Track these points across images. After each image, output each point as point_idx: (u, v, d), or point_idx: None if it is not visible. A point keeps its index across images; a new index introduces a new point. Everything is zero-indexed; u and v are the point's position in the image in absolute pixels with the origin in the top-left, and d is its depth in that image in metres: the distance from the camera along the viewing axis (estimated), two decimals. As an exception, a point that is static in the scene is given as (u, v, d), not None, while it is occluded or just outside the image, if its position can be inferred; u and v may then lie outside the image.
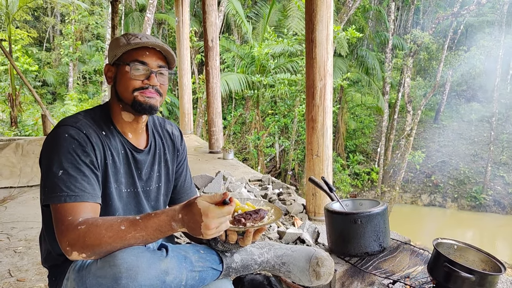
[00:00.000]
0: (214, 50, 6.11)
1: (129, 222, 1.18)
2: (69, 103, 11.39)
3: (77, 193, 1.25)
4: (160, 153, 1.60)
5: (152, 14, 11.09)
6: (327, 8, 3.17)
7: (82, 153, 1.30)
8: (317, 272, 1.53)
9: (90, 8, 16.85)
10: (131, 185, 1.48)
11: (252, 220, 1.39)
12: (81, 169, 1.28)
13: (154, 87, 1.42)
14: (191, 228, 1.18)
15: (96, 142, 1.35)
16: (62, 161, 1.27)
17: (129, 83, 1.39)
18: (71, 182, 1.25)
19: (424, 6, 26.51)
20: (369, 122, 20.58)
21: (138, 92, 1.40)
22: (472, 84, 24.41)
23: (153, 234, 1.18)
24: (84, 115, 1.41)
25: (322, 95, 3.28)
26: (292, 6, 13.19)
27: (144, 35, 1.43)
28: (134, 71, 1.39)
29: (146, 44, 1.39)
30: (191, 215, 1.17)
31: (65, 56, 16.54)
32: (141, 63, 1.39)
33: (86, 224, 1.18)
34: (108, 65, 1.45)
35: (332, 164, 3.48)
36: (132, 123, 1.48)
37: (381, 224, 1.72)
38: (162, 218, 1.18)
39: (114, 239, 1.16)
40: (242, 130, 15.80)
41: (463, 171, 18.81)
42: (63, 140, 1.29)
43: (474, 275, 1.42)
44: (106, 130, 1.42)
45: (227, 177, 4.24)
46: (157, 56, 1.43)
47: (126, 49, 1.38)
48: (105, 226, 1.17)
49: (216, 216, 1.17)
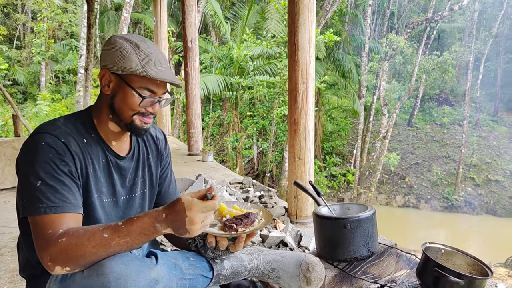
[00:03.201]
0: (193, 51, 6.05)
1: (112, 229, 1.13)
2: (41, 103, 11.05)
3: (58, 203, 1.19)
4: (144, 158, 1.54)
5: (128, 14, 10.91)
6: (310, 12, 3.18)
7: (61, 162, 1.23)
8: (307, 278, 1.51)
9: (63, 6, 16.44)
10: (112, 194, 1.42)
11: (243, 225, 1.37)
12: (60, 178, 1.22)
13: (154, 114, 1.39)
14: (176, 227, 1.14)
15: (75, 150, 1.28)
16: (40, 171, 1.20)
17: (132, 107, 1.33)
18: (51, 193, 1.19)
19: (399, 11, 27.12)
20: (345, 125, 20.86)
21: (138, 116, 1.35)
22: (444, 88, 25.12)
23: (138, 238, 1.14)
24: (64, 122, 1.33)
25: (304, 98, 3.28)
26: (270, 8, 13.22)
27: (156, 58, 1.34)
28: (145, 101, 1.33)
29: (163, 80, 1.32)
30: (175, 213, 1.14)
31: (37, 55, 16.08)
32: (150, 91, 1.34)
33: (67, 236, 1.12)
34: (107, 71, 1.34)
35: (313, 166, 3.49)
36: (117, 133, 1.42)
37: (370, 229, 1.73)
38: (145, 221, 1.14)
39: (98, 248, 1.12)
40: (220, 131, 15.73)
41: (435, 173, 19.29)
42: (40, 149, 1.22)
43: (463, 279, 1.44)
44: (88, 138, 1.35)
45: (207, 180, 4.19)
46: (164, 84, 1.37)
47: (139, 74, 1.29)
48: (87, 235, 1.12)
49: (200, 209, 1.14)
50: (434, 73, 18.89)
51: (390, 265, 1.84)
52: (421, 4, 27.05)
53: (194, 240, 1.46)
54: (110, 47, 1.33)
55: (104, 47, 1.36)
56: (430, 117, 23.42)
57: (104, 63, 1.34)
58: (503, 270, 9.47)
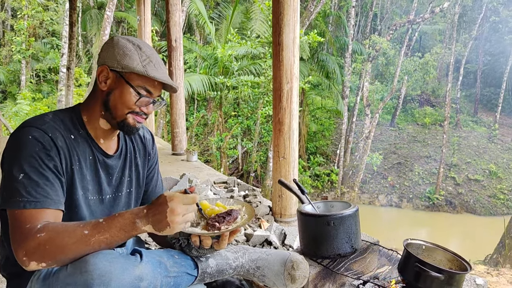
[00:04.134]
0: (177, 50, 6.02)
1: (92, 226, 1.14)
2: (21, 102, 10.87)
3: (38, 198, 1.18)
4: (131, 157, 1.54)
5: (111, 12, 10.79)
6: (294, 12, 3.20)
7: (46, 157, 1.22)
8: (292, 276, 1.53)
9: (45, 3, 16.15)
10: (97, 192, 1.41)
11: (226, 223, 1.38)
12: (44, 173, 1.21)
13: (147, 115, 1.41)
14: (157, 220, 1.15)
15: (61, 146, 1.27)
16: (24, 164, 1.19)
17: (128, 104, 1.35)
18: (32, 187, 1.18)
19: (382, 13, 27.44)
20: (329, 125, 21.01)
21: (131, 115, 1.37)
22: (426, 89, 25.55)
23: (117, 235, 1.14)
24: (53, 117, 1.32)
25: (289, 98, 3.31)
26: (255, 9, 13.24)
27: (156, 59, 1.38)
28: (142, 99, 1.36)
29: (163, 81, 1.36)
30: (157, 205, 1.16)
31: (17, 53, 15.74)
32: (148, 91, 1.37)
33: (46, 231, 1.12)
34: (106, 68, 1.35)
35: (297, 166, 3.52)
36: (107, 131, 1.42)
37: (353, 226, 1.75)
38: (126, 216, 1.15)
39: (78, 245, 1.12)
40: (204, 131, 15.68)
41: (417, 172, 19.58)
42: (27, 142, 1.21)
43: (443, 274, 1.48)
44: (75, 134, 1.35)
45: (192, 179, 4.19)
46: (160, 86, 1.40)
47: (139, 72, 1.32)
48: (68, 232, 1.12)
49: (181, 200, 1.16)
50: (416, 74, 19.18)
51: (372, 262, 1.88)
52: (403, 6, 27.45)
53: (178, 240, 1.46)
54: (112, 45, 1.35)
55: (105, 45, 1.38)
56: (412, 117, 23.78)
57: (104, 60, 1.35)
58: (483, 267, 9.65)
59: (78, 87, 13.53)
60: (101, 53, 1.37)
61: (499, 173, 19.43)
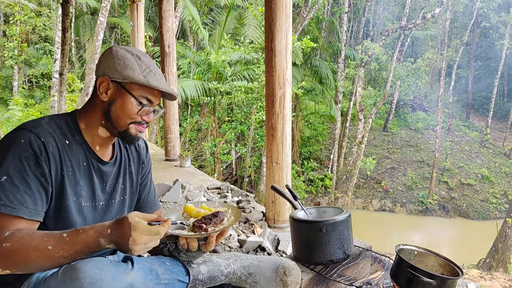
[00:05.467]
0: (171, 56, 6.02)
1: (56, 241, 1.14)
2: (14, 108, 10.78)
3: (15, 205, 1.17)
4: (125, 164, 1.55)
5: (105, 18, 10.78)
6: (286, 18, 3.22)
7: (34, 163, 1.21)
8: (284, 282, 1.53)
9: (37, 9, 16.10)
10: (91, 199, 1.40)
11: (212, 224, 1.38)
12: (28, 180, 1.20)
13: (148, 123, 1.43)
14: (119, 243, 1.16)
15: (53, 152, 1.26)
16: (10, 167, 1.18)
17: (129, 115, 1.37)
18: (12, 192, 1.17)
19: (374, 19, 27.67)
20: (322, 130, 21.06)
21: (133, 125, 1.38)
22: (418, 94, 25.73)
23: (81, 251, 1.15)
24: (49, 121, 1.32)
25: (281, 103, 3.32)
26: (248, 15, 13.30)
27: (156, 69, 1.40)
28: (144, 108, 1.37)
29: (163, 90, 1.39)
30: (120, 229, 1.15)
31: (9, 59, 15.66)
32: (149, 101, 1.39)
33: (11, 242, 1.12)
34: (106, 79, 1.36)
35: (291, 171, 3.52)
36: (105, 138, 1.43)
37: (345, 232, 1.76)
38: (90, 234, 1.15)
39: (42, 259, 1.13)
40: (198, 137, 15.65)
41: (410, 177, 19.66)
42: (18, 145, 1.21)
43: (434, 279, 1.48)
44: (71, 139, 1.34)
45: (185, 185, 4.17)
46: (160, 95, 1.43)
47: (140, 83, 1.35)
48: (32, 245, 1.12)
49: (145, 232, 1.16)
50: (408, 80, 19.30)
51: (365, 267, 1.88)
52: (396, 12, 27.69)
53: (165, 244, 1.47)
54: (112, 56, 1.36)
55: (104, 56, 1.39)
56: (404, 122, 23.92)
57: (104, 71, 1.36)
58: (476, 271, 9.68)
59: (71, 92, 13.47)
60: (100, 64, 1.38)
61: (491, 177, 19.57)
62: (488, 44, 24.98)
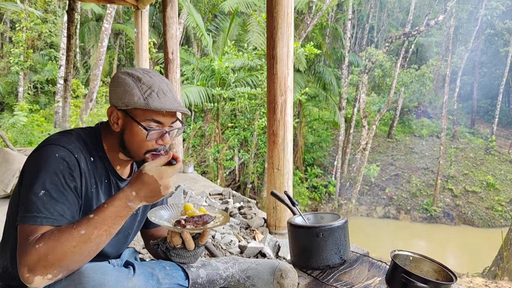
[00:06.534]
0: (174, 62, 6.07)
1: (87, 223, 1.14)
2: (19, 113, 10.87)
3: (55, 217, 1.18)
4: None
5: (109, 25, 10.90)
6: (288, 26, 3.25)
7: (69, 176, 1.23)
8: (281, 284, 1.56)
9: (43, 16, 16.28)
10: None
11: (193, 223, 1.43)
12: (65, 193, 1.22)
13: (165, 147, 1.37)
14: (150, 197, 1.20)
15: (84, 168, 1.29)
16: (47, 181, 1.19)
17: (142, 145, 1.33)
18: (51, 205, 1.18)
19: (378, 25, 27.74)
20: (326, 136, 21.05)
21: (150, 154, 1.35)
22: (423, 101, 25.71)
23: (114, 223, 1.17)
24: (77, 137, 1.33)
25: (283, 110, 3.34)
26: (252, 21, 13.38)
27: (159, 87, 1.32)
28: (150, 133, 1.31)
29: (168, 110, 1.30)
30: (146, 186, 1.19)
31: (15, 65, 15.82)
32: (156, 122, 1.32)
33: (43, 241, 1.11)
34: (114, 109, 1.34)
35: (292, 177, 3.54)
36: (125, 161, 1.45)
37: (341, 237, 1.77)
38: (116, 204, 1.17)
39: (80, 246, 1.12)
40: (201, 143, 15.70)
41: (415, 184, 19.57)
42: (53, 159, 1.22)
43: (428, 285, 1.50)
44: (95, 157, 1.36)
45: (187, 191, 4.20)
46: (172, 113, 1.35)
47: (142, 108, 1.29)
48: (65, 236, 1.11)
49: (170, 175, 1.21)
50: (413, 86, 19.29)
51: (362, 273, 1.89)
52: (400, 18, 27.75)
53: (158, 244, 1.52)
54: (114, 84, 1.34)
55: (110, 85, 1.37)
56: (409, 129, 23.87)
57: (111, 100, 1.35)
58: (481, 280, 9.61)
59: (75, 98, 13.57)
60: (109, 93, 1.37)
61: (496, 184, 19.45)
62: (493, 51, 24.93)
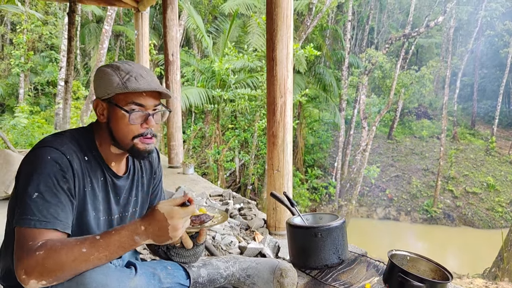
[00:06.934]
0: (174, 64, 6.09)
1: (90, 243, 1.15)
2: (19, 115, 10.89)
3: (49, 219, 1.20)
4: (138, 177, 1.58)
5: (110, 26, 10.94)
6: (287, 28, 3.28)
7: (62, 178, 1.25)
8: (281, 283, 1.58)
9: (44, 18, 16.32)
10: (107, 213, 1.45)
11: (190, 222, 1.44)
12: (58, 195, 1.24)
13: (151, 131, 1.38)
14: (157, 236, 1.18)
15: (77, 169, 1.30)
16: (40, 184, 1.22)
17: (127, 129, 1.34)
18: (45, 207, 1.20)
19: (378, 27, 27.77)
20: (326, 137, 21.05)
21: (138, 140, 1.36)
22: (423, 102, 25.72)
23: (116, 251, 1.17)
24: (70, 138, 1.35)
25: (282, 112, 3.36)
26: (252, 23, 13.42)
27: (137, 72, 1.35)
28: (132, 115, 1.33)
29: (145, 90, 1.33)
30: (156, 223, 1.17)
31: (15, 67, 15.85)
32: (138, 105, 1.34)
33: (44, 249, 1.13)
34: (98, 101, 1.38)
35: (292, 178, 3.55)
36: (118, 155, 1.45)
37: (339, 237, 1.80)
38: (123, 234, 1.16)
39: (77, 263, 1.13)
40: (201, 144, 15.72)
41: (415, 185, 19.57)
42: (45, 162, 1.24)
43: (424, 283, 1.52)
44: (89, 156, 1.38)
45: (187, 192, 4.21)
46: (153, 95, 1.38)
47: (122, 92, 1.32)
48: (65, 250, 1.13)
49: (181, 216, 1.19)
50: (413, 87, 19.31)
51: (360, 273, 1.91)
52: (400, 20, 27.79)
53: (158, 247, 1.53)
54: (96, 77, 1.38)
55: (93, 79, 1.40)
56: (409, 130, 23.88)
57: (95, 93, 1.38)
58: (481, 281, 9.61)
59: (76, 100, 13.61)
60: (93, 87, 1.40)
61: (496, 186, 19.45)
62: (493, 52, 24.95)
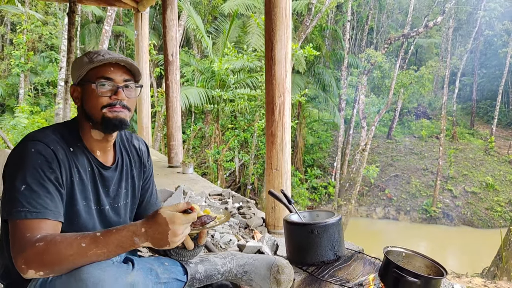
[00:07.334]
0: (174, 64, 6.11)
1: (90, 239, 1.17)
2: (20, 115, 10.91)
3: (39, 209, 1.23)
4: (127, 169, 1.60)
5: (110, 27, 10.96)
6: (286, 28, 3.30)
7: (48, 169, 1.28)
8: (277, 279, 1.61)
9: (44, 19, 16.33)
10: (97, 203, 1.47)
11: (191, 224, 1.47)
12: (45, 185, 1.26)
13: (122, 102, 1.40)
14: (157, 240, 1.19)
15: (62, 159, 1.33)
16: (26, 176, 1.25)
17: (96, 101, 1.38)
18: (33, 198, 1.23)
19: (378, 27, 27.80)
20: (326, 137, 21.08)
21: (107, 109, 1.39)
22: (422, 102, 25.75)
23: (115, 250, 1.18)
24: (53, 131, 1.39)
25: (281, 111, 3.38)
26: (251, 23, 13.44)
27: (106, 51, 1.42)
28: (100, 88, 1.38)
29: (109, 60, 1.38)
30: (157, 226, 1.19)
31: (15, 67, 15.86)
32: (106, 79, 1.39)
33: (44, 241, 1.16)
34: (73, 86, 1.44)
35: (290, 178, 3.58)
36: (101, 141, 1.47)
37: (336, 234, 1.82)
38: (123, 234, 1.18)
39: (75, 257, 1.15)
40: (201, 144, 15.75)
41: (414, 185, 19.58)
42: (30, 154, 1.27)
43: (419, 279, 1.55)
44: (74, 147, 1.41)
45: (187, 191, 4.24)
46: (122, 70, 1.43)
47: (90, 67, 1.38)
48: (65, 243, 1.16)
49: (182, 222, 1.20)
50: (412, 87, 19.34)
51: (357, 269, 1.94)
52: (399, 20, 27.83)
53: None
54: (73, 66, 1.46)
55: None
56: (408, 130, 23.91)
57: (72, 82, 1.46)
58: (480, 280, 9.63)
59: (76, 100, 13.59)
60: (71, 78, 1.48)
61: (496, 185, 19.47)
62: (492, 52, 24.99)
